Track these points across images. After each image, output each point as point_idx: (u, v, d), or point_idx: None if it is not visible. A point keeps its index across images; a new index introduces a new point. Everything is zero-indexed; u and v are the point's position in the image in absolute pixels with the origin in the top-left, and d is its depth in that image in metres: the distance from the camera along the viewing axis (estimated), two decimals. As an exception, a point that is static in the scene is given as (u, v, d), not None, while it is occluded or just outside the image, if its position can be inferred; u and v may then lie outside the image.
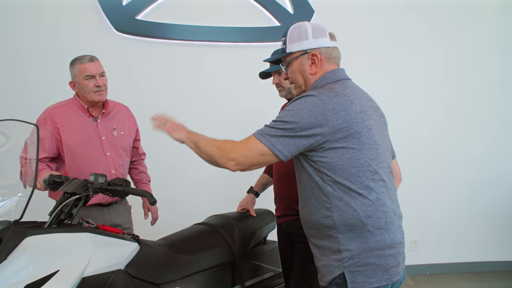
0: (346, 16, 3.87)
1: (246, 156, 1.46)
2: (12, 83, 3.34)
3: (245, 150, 1.47)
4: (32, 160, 1.59)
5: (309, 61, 1.58)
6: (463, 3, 4.07)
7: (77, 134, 2.27)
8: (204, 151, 1.54)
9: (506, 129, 4.15)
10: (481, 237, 4.13)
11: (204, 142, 1.56)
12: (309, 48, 1.57)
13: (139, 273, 1.68)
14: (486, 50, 4.12)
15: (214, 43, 3.68)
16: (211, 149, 1.52)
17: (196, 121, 3.61)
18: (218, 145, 1.52)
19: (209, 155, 1.53)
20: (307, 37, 1.57)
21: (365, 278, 1.43)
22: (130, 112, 2.57)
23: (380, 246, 1.44)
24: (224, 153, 1.48)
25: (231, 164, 1.48)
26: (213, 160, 1.52)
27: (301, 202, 1.61)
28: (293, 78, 1.64)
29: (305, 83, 1.62)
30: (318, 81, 1.57)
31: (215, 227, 2.20)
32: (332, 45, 1.61)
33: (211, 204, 3.39)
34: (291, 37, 1.59)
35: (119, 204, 2.41)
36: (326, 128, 1.41)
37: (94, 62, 2.28)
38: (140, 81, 3.55)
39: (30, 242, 1.42)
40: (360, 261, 1.43)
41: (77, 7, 3.43)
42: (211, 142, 1.55)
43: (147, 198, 1.65)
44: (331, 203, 1.46)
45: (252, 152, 1.46)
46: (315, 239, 1.57)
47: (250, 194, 2.49)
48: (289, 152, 1.44)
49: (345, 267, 1.44)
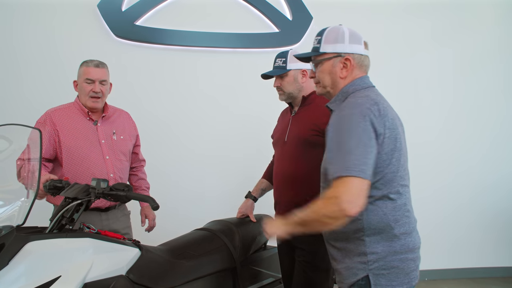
0: (345, 22, 3.87)
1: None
2: (9, 87, 3.33)
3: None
4: (30, 163, 1.58)
5: (341, 64, 1.59)
6: (465, 7, 4.12)
7: (77, 136, 2.27)
8: (310, 217, 1.44)
9: (505, 135, 4.18)
10: (479, 243, 4.14)
11: (306, 212, 1.46)
12: (343, 52, 1.59)
13: (140, 279, 1.68)
14: (489, 55, 4.16)
15: (214, 49, 3.69)
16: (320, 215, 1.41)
17: (194, 127, 3.65)
18: (320, 206, 1.41)
19: (317, 216, 1.42)
20: (343, 41, 1.59)
21: (388, 281, 1.45)
22: (131, 118, 2.58)
23: (403, 250, 1.47)
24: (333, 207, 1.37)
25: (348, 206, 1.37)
26: (325, 218, 1.39)
27: None
28: (321, 77, 1.65)
29: (333, 85, 1.63)
30: (348, 86, 1.59)
31: (216, 233, 2.20)
32: (365, 53, 1.64)
33: (211, 210, 3.40)
34: (327, 38, 1.61)
35: (117, 209, 2.40)
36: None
37: (99, 68, 2.30)
38: (139, 86, 3.55)
39: (32, 248, 1.42)
40: (385, 264, 1.45)
41: (77, 13, 3.44)
42: (310, 208, 1.45)
43: (150, 203, 1.65)
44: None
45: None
46: (337, 242, 1.57)
47: (249, 199, 2.49)
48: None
49: (370, 270, 1.45)
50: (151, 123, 3.47)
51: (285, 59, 2.21)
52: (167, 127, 3.60)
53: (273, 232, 1.57)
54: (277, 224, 1.56)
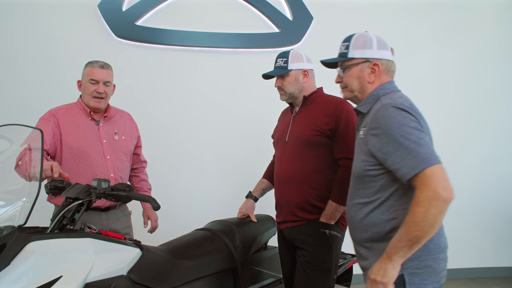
0: (345, 23, 3.90)
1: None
2: (9, 87, 3.33)
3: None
4: (34, 157, 1.58)
5: (369, 69, 1.63)
6: (465, 7, 4.12)
7: (79, 135, 2.29)
8: (420, 228, 1.35)
9: (505, 135, 4.18)
10: (479, 243, 4.14)
11: (409, 229, 1.36)
12: (371, 57, 1.63)
13: (141, 279, 1.68)
14: (489, 55, 4.16)
15: (215, 49, 3.69)
16: (421, 219, 1.34)
17: (194, 127, 3.65)
18: (420, 210, 1.34)
19: (427, 222, 1.34)
20: (372, 46, 1.63)
21: (421, 280, 1.47)
22: (132, 119, 2.60)
23: (436, 250, 1.50)
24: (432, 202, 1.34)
25: (447, 194, 1.36)
26: (436, 216, 1.34)
27: (357, 207, 1.60)
28: (349, 82, 1.68)
29: (361, 89, 1.66)
30: (378, 90, 1.62)
31: (216, 233, 2.20)
32: (392, 59, 1.68)
33: (211, 210, 3.39)
34: (355, 43, 1.64)
35: (117, 210, 2.41)
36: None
37: (103, 69, 2.32)
38: (139, 86, 3.55)
39: (33, 248, 1.42)
40: (420, 263, 1.47)
41: (77, 12, 3.43)
42: (410, 219, 1.36)
43: (151, 203, 1.65)
44: (399, 206, 1.49)
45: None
46: (369, 242, 1.57)
47: (249, 199, 2.49)
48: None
49: (405, 269, 1.46)
50: (151, 123, 3.47)
51: (286, 59, 2.21)
52: (167, 127, 3.60)
53: (382, 283, 1.42)
54: (380, 272, 1.42)
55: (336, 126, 2.10)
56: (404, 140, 1.39)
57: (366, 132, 1.55)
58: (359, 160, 1.60)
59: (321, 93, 2.28)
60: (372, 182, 1.54)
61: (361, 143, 1.60)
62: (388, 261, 1.40)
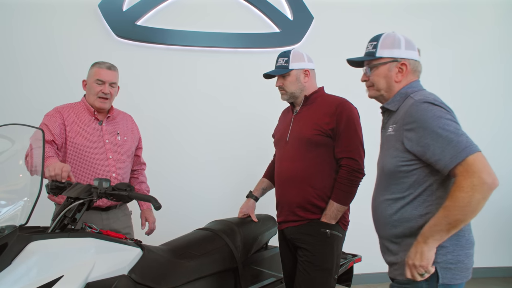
0: (345, 23, 3.90)
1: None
2: (9, 87, 3.32)
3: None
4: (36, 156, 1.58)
5: (397, 69, 1.66)
6: (465, 7, 4.13)
7: (82, 134, 2.30)
8: (462, 213, 1.38)
9: (504, 135, 4.18)
10: (479, 243, 4.07)
11: (449, 213, 1.39)
12: (400, 57, 1.65)
13: (142, 279, 1.68)
14: (489, 55, 4.17)
15: (215, 49, 3.69)
16: (464, 202, 1.36)
17: (194, 126, 3.65)
18: (463, 196, 1.36)
19: (470, 207, 1.37)
20: (400, 46, 1.66)
21: (453, 275, 1.50)
22: (134, 121, 2.62)
23: (468, 245, 1.55)
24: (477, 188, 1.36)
25: (491, 180, 1.39)
26: (479, 202, 1.37)
27: (387, 203, 1.61)
28: (375, 81, 1.70)
29: (387, 88, 1.69)
30: (406, 88, 1.65)
31: (217, 232, 2.20)
32: (419, 60, 1.72)
33: (212, 210, 3.39)
34: (383, 43, 1.67)
35: (118, 209, 2.41)
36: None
37: (110, 70, 2.35)
38: (139, 86, 3.54)
39: (34, 247, 1.42)
40: (453, 258, 1.50)
41: (78, 12, 3.43)
42: (451, 203, 1.38)
43: (152, 203, 1.65)
44: (432, 201, 1.51)
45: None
46: (400, 238, 1.58)
47: (250, 199, 2.48)
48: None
49: (438, 263, 1.48)
50: (152, 123, 3.47)
51: (287, 59, 2.21)
52: (167, 127, 3.60)
53: (421, 266, 1.43)
54: (417, 256, 1.44)
55: (337, 125, 2.10)
56: (443, 131, 1.42)
57: (398, 128, 1.56)
58: (389, 156, 1.60)
59: (322, 93, 2.28)
60: (405, 178, 1.55)
61: (390, 140, 1.61)
62: (423, 244, 1.43)
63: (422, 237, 1.44)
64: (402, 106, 1.60)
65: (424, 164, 1.50)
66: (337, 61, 3.87)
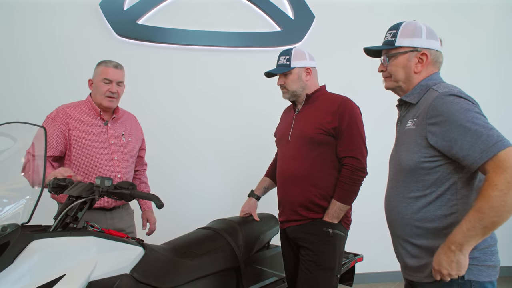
0: (346, 22, 3.90)
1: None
2: (10, 87, 3.31)
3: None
4: (38, 161, 1.57)
5: (416, 59, 1.58)
6: (464, 7, 4.12)
7: (88, 134, 2.28)
8: (497, 214, 1.32)
9: (505, 134, 4.17)
10: (480, 242, 4.13)
11: (483, 215, 1.32)
12: (420, 47, 1.57)
13: (144, 278, 1.67)
14: (488, 56, 4.16)
15: (216, 48, 3.68)
16: (499, 202, 1.29)
17: (195, 126, 3.65)
18: (496, 194, 1.29)
19: (506, 207, 1.30)
20: (421, 35, 1.57)
21: (480, 272, 1.44)
22: (137, 122, 2.62)
23: (492, 244, 1.48)
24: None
25: None
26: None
27: (407, 201, 1.53)
28: (393, 71, 1.62)
29: (406, 79, 1.61)
30: (427, 80, 1.58)
31: (219, 232, 2.20)
32: (440, 50, 1.62)
33: (214, 209, 3.39)
34: (403, 31, 1.59)
35: (122, 209, 2.41)
36: None
37: (117, 69, 2.33)
38: (140, 85, 3.54)
39: (36, 246, 1.41)
40: (480, 256, 1.44)
41: (79, 11, 3.42)
42: (485, 204, 1.31)
43: (154, 201, 1.64)
44: (457, 200, 1.44)
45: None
46: (421, 239, 1.50)
47: (251, 198, 2.48)
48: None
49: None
50: (152, 122, 3.46)
51: (289, 57, 2.20)
52: (168, 126, 3.59)
53: (457, 275, 1.39)
54: (453, 265, 1.37)
55: (340, 124, 2.09)
56: (472, 124, 1.34)
57: (420, 123, 1.47)
58: (409, 152, 1.51)
59: (324, 91, 2.27)
60: (426, 175, 1.47)
61: (410, 135, 1.52)
62: (459, 253, 1.34)
63: (456, 245, 1.34)
64: (423, 99, 1.51)
65: (448, 161, 1.42)
66: (338, 60, 3.90)
